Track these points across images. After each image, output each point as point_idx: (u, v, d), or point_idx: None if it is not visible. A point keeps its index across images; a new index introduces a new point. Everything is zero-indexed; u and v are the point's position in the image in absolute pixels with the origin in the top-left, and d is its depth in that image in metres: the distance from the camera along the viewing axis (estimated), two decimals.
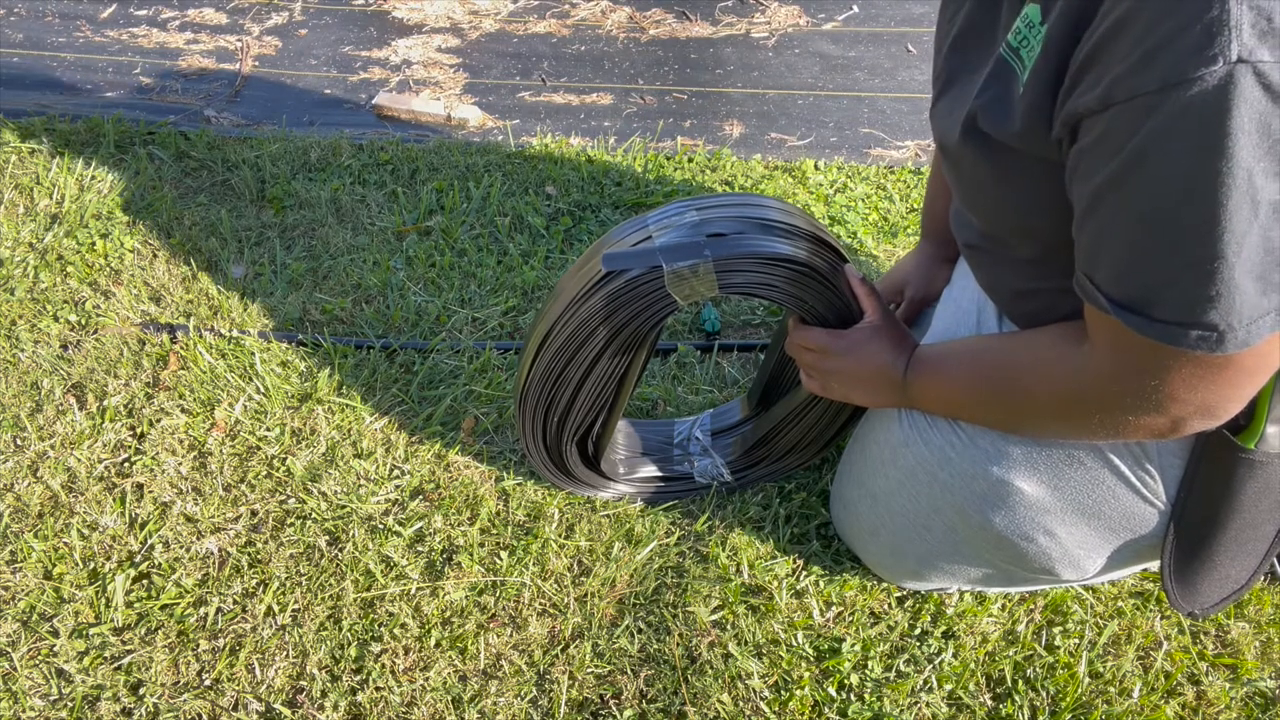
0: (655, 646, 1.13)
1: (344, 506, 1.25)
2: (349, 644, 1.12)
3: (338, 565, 1.19)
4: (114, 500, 1.26)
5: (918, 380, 0.99)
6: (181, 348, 1.46)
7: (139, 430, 1.34)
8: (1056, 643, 1.14)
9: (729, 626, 1.15)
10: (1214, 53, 0.58)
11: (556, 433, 1.15)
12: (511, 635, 1.13)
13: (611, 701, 1.08)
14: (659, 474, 1.28)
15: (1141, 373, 0.73)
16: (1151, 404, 0.75)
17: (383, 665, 1.10)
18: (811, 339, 1.05)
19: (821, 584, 1.19)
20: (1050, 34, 0.70)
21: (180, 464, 1.30)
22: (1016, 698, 1.09)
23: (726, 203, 1.04)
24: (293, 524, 1.23)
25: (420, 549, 1.21)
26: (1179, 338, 0.67)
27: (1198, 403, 0.73)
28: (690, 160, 1.96)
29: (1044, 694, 1.10)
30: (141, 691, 1.07)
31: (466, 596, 1.16)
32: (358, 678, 1.09)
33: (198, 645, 1.11)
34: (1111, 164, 0.66)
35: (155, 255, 1.65)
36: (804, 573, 1.20)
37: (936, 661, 1.12)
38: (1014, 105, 0.75)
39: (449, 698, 1.08)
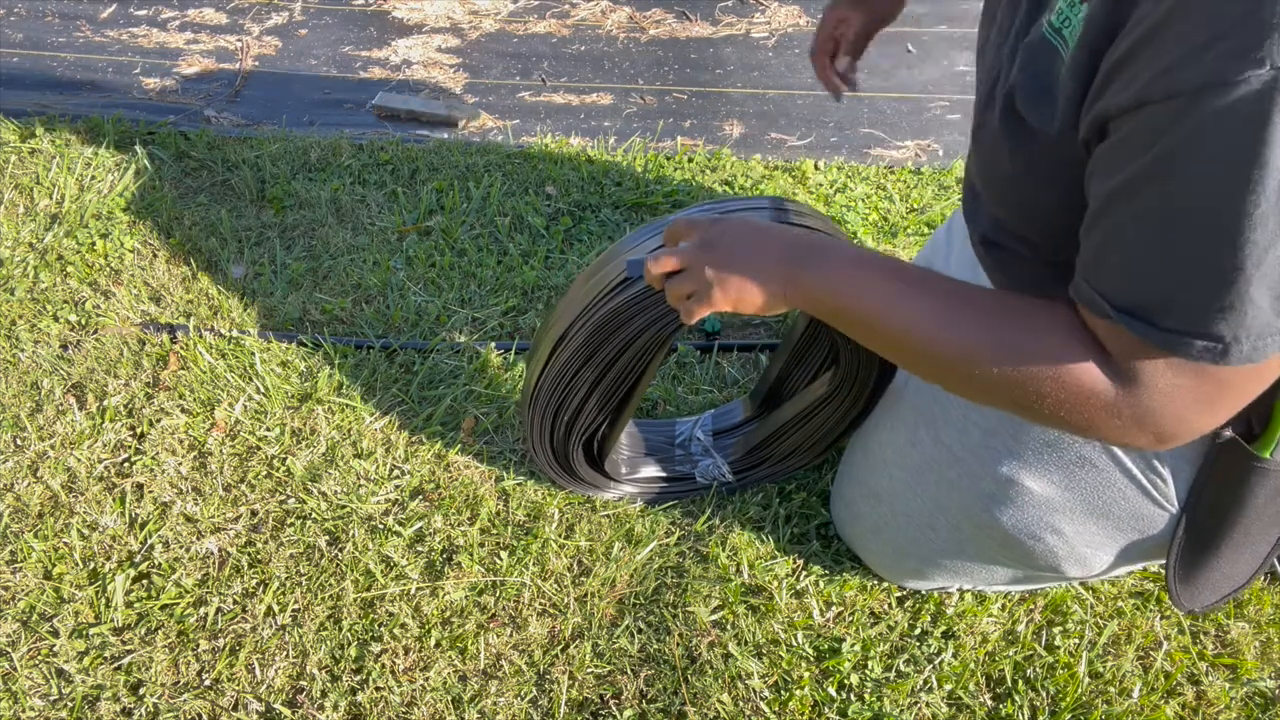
0: (655, 646, 1.13)
1: (344, 506, 1.25)
2: (349, 644, 1.12)
3: (338, 565, 1.19)
4: (114, 500, 1.26)
5: (835, 273, 0.83)
6: (181, 348, 1.46)
7: (139, 430, 1.34)
8: (1056, 643, 1.14)
9: (729, 626, 1.15)
10: (1260, 56, 0.55)
11: (564, 435, 1.14)
12: (511, 635, 1.13)
13: (611, 701, 1.08)
14: (660, 474, 1.28)
15: (1132, 379, 0.70)
16: (1136, 413, 0.70)
17: (383, 665, 1.10)
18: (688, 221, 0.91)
19: (821, 584, 1.19)
20: (1089, 19, 0.68)
21: (180, 464, 1.30)
22: (1016, 698, 1.09)
23: (748, 206, 1.04)
24: (293, 524, 1.23)
25: (420, 549, 1.21)
26: (1184, 347, 0.64)
27: (1180, 415, 0.69)
28: (690, 160, 1.96)
29: (1044, 694, 1.10)
30: (141, 691, 1.07)
31: (466, 596, 1.16)
32: (358, 678, 1.09)
33: (198, 645, 1.11)
34: (1136, 163, 0.63)
35: (155, 255, 1.65)
36: (804, 573, 1.20)
37: (936, 661, 1.12)
38: (1055, 97, 0.73)
39: (449, 698, 1.08)
